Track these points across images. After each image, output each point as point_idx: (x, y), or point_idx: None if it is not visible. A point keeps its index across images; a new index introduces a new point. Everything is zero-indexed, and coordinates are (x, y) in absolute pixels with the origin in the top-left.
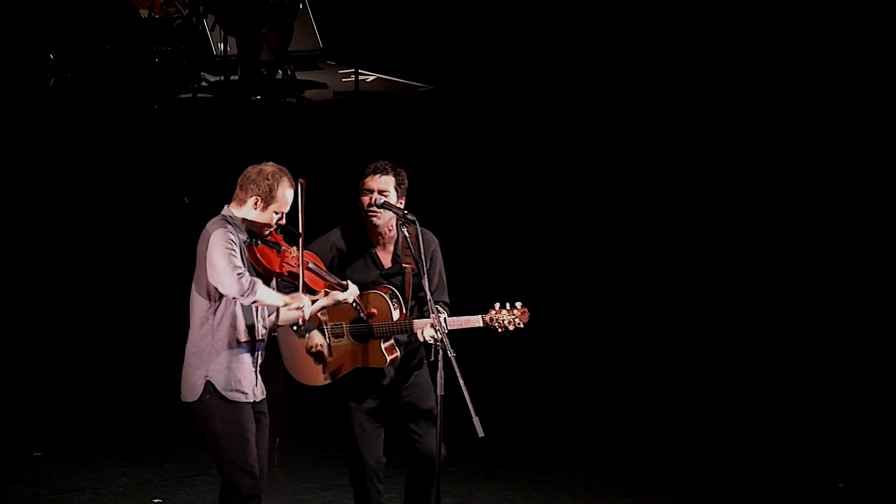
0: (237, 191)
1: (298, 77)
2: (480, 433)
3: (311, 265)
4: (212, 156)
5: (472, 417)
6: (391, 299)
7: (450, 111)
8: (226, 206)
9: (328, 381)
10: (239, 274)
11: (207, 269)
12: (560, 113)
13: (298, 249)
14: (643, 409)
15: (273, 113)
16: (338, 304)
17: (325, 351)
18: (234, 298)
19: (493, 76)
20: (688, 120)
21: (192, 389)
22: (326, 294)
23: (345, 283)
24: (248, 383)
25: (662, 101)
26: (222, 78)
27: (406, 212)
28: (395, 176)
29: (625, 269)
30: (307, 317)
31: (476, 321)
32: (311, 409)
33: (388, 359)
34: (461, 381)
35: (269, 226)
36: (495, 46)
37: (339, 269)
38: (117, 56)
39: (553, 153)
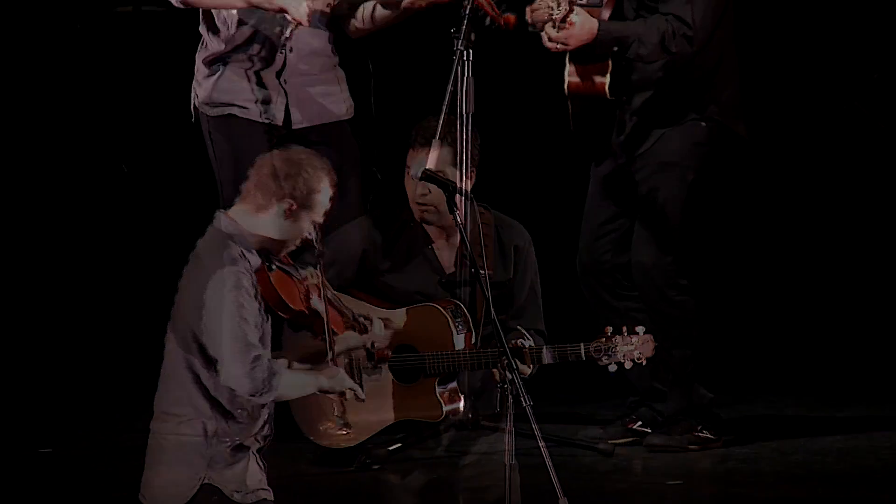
0: (251, 188)
1: None
2: None
3: (330, 297)
4: (162, 99)
5: (558, 499)
6: (454, 318)
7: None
8: (222, 214)
9: (357, 441)
10: (254, 361)
11: (204, 335)
12: None
13: (317, 270)
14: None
15: None
16: (349, 351)
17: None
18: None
19: None
20: None
21: (177, 496)
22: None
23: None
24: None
25: None
26: None
27: (457, 185)
28: (450, 146)
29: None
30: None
31: (577, 352)
32: (324, 486)
33: (445, 409)
34: (541, 444)
35: (294, 244)
36: None
37: (377, 273)
38: None
39: None
